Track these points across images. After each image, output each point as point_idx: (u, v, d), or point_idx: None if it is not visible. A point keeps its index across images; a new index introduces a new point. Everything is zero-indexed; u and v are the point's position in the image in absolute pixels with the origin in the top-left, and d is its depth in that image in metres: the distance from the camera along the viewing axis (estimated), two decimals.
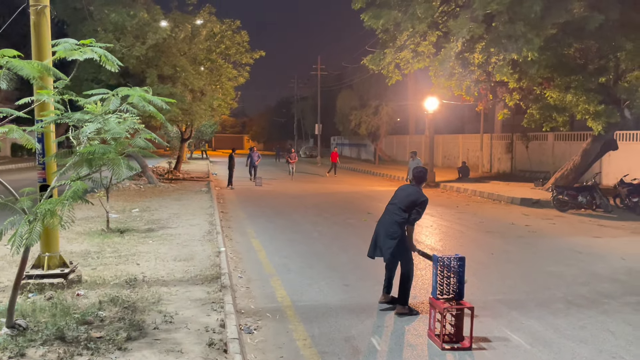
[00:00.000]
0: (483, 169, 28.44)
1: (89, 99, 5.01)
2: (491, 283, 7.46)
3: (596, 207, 14.45)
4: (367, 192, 19.98)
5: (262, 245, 9.88)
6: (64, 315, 5.24)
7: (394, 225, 6.03)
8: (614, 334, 5.50)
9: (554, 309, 6.28)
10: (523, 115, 19.43)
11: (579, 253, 9.41)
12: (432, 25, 16.51)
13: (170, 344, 4.76)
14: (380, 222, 6.27)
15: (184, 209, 13.57)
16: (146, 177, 21.01)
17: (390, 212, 6.18)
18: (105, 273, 7.08)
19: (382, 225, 6.19)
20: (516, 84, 17.62)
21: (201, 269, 7.47)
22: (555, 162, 22.90)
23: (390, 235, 6.01)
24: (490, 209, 15.60)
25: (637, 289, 7.22)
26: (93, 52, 4.73)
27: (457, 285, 5.29)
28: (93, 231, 10.13)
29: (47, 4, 6.55)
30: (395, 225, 6.02)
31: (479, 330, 5.47)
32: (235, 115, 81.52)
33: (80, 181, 4.67)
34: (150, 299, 5.95)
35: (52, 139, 6.44)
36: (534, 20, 13.28)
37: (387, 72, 18.74)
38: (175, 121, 21.96)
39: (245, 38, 25.13)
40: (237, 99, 29.91)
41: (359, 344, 5.20)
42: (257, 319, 5.86)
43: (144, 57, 18.04)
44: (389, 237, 6.01)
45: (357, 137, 45.88)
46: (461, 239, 10.76)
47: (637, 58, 14.03)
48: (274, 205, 15.93)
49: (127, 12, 16.76)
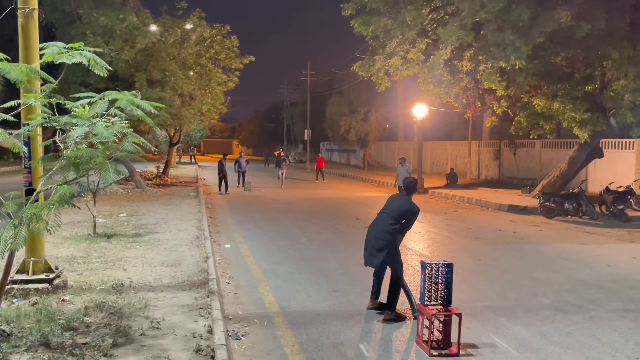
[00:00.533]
0: (471, 175, 28.62)
1: (77, 102, 4.96)
2: (479, 289, 7.49)
3: (582, 214, 14.60)
4: (356, 198, 20.00)
5: (250, 251, 9.84)
6: (48, 321, 5.18)
7: (385, 233, 6.08)
8: (600, 340, 5.55)
9: (541, 316, 6.32)
10: (511, 122, 19.61)
11: (565, 260, 9.49)
12: (422, 33, 16.63)
13: (157, 350, 4.71)
14: (371, 229, 6.31)
15: (172, 214, 13.48)
16: (134, 181, 20.87)
17: (382, 220, 6.22)
18: (91, 278, 7.00)
19: (372, 233, 6.23)
20: (504, 92, 17.80)
21: (189, 274, 7.42)
22: (542, 169, 23.10)
23: (381, 243, 6.05)
24: (478, 215, 15.69)
25: (623, 295, 7.29)
26: (82, 56, 4.70)
27: (445, 291, 5.31)
28: (79, 236, 10.03)
29: (36, 6, 6.50)
30: (386, 233, 6.08)
31: (467, 337, 5.48)
32: (224, 120, 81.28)
33: (67, 185, 4.63)
34: (137, 305, 5.90)
35: (38, 142, 6.38)
36: (522, 28, 13.43)
37: (377, 78, 18.83)
38: (164, 125, 21.88)
39: (235, 43, 25.15)
40: (227, 103, 29.91)
41: (347, 350, 5.19)
42: (245, 325, 5.82)
43: (133, 61, 17.96)
44: (379, 244, 6.06)
45: (346, 143, 45.98)
46: (449, 245, 10.81)
47: (622, 67, 14.23)
48: (263, 210, 15.89)
49: (116, 16, 16.69)
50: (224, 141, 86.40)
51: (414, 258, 9.33)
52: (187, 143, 47.37)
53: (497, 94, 18.34)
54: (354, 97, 41.78)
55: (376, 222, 6.31)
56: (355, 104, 41.15)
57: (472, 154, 28.69)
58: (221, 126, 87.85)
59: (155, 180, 24.23)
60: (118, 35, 17.12)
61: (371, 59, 18.22)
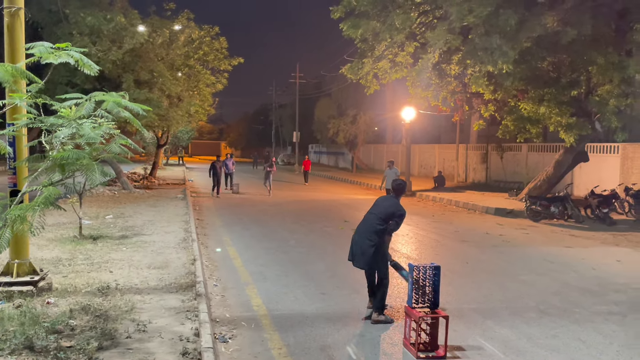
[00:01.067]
0: (459, 178, 28.80)
1: (64, 103, 4.92)
2: (466, 292, 7.53)
3: (568, 217, 14.76)
4: (344, 200, 20.03)
5: (238, 253, 9.80)
6: (33, 324, 5.11)
7: (372, 234, 6.09)
8: (585, 343, 5.60)
9: (527, 318, 6.37)
10: (498, 126, 19.76)
11: (551, 263, 9.58)
12: (410, 36, 16.71)
13: (143, 353, 4.68)
14: (358, 230, 6.32)
15: (159, 216, 13.39)
16: (121, 183, 20.69)
17: (369, 221, 6.23)
18: (76, 281, 6.93)
19: (359, 234, 6.25)
20: (491, 96, 17.95)
21: (176, 276, 7.37)
22: (529, 172, 23.31)
23: (368, 244, 6.06)
24: (465, 218, 15.78)
25: (607, 298, 7.37)
26: (69, 56, 4.65)
27: (433, 294, 5.33)
28: (65, 238, 9.92)
29: (22, 6, 6.43)
30: (373, 234, 6.09)
31: (454, 339, 5.51)
32: (213, 121, 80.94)
33: (52, 187, 4.58)
34: (123, 308, 5.85)
35: (24, 143, 6.30)
36: (509, 33, 13.56)
37: (366, 81, 18.87)
38: (151, 127, 21.72)
39: (224, 44, 25.07)
40: (215, 105, 29.75)
41: (335, 353, 5.19)
42: (232, 327, 5.80)
43: (121, 62, 17.83)
44: (366, 245, 6.07)
45: (335, 146, 46.03)
46: (437, 248, 10.86)
47: (607, 72, 14.41)
48: (251, 212, 15.85)
49: (103, 16, 16.54)
50: (212, 143, 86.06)
51: (402, 261, 9.36)
52: (175, 144, 47.19)
53: (484, 97, 18.48)
54: (343, 100, 41.85)
55: (363, 223, 6.33)
56: (344, 107, 41.22)
57: (459, 157, 28.88)
58: (209, 128, 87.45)
59: (143, 182, 24.05)
60: (105, 36, 16.98)
61: (360, 61, 18.27)
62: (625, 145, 18.47)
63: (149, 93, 18.35)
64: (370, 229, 6.14)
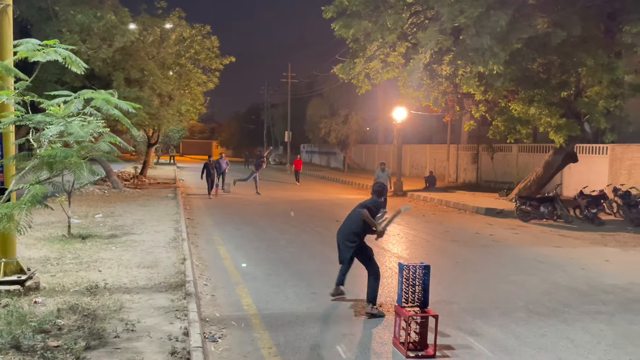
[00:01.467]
0: (449, 178, 28.91)
1: (52, 100, 4.88)
2: (455, 292, 7.56)
3: (557, 217, 14.85)
4: (335, 200, 20.03)
5: (228, 253, 9.77)
6: (20, 324, 5.06)
7: (351, 235, 6.56)
8: (574, 342, 5.64)
9: (515, 318, 6.40)
10: (489, 126, 19.85)
11: (540, 262, 9.64)
12: (402, 37, 16.75)
13: (131, 353, 4.65)
14: (340, 230, 6.80)
15: (149, 215, 13.32)
16: (111, 182, 20.56)
17: (353, 214, 6.69)
18: (65, 280, 6.88)
19: (341, 233, 6.72)
20: (482, 96, 18.03)
21: (165, 276, 7.34)
22: (519, 173, 23.44)
23: (349, 240, 6.55)
24: (455, 218, 15.84)
25: (596, 298, 7.42)
26: (57, 54, 4.62)
27: (422, 293, 5.35)
28: (53, 237, 9.84)
29: (10, 2, 6.36)
30: (352, 235, 6.55)
31: (443, 338, 5.53)
32: (204, 120, 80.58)
33: (40, 185, 4.55)
34: (111, 307, 5.81)
35: (11, 140, 6.24)
36: (500, 34, 13.62)
37: (357, 81, 18.89)
38: (142, 125, 21.61)
39: (215, 43, 24.99)
40: (206, 104, 29.67)
41: (325, 353, 5.19)
42: (221, 327, 5.78)
43: (111, 60, 17.71)
44: (348, 241, 6.55)
45: (326, 146, 46.03)
46: (427, 248, 10.89)
47: (597, 74, 14.53)
48: (242, 212, 15.81)
49: (93, 14, 16.44)
50: (204, 142, 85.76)
51: (392, 260, 9.38)
52: (166, 143, 47.01)
53: (475, 98, 18.56)
54: (335, 100, 41.87)
55: (348, 218, 6.79)
56: (335, 107, 41.24)
57: (450, 158, 28.99)
58: (200, 127, 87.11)
59: (133, 181, 23.91)
60: (95, 34, 16.87)
61: (352, 62, 18.28)
62: (614, 146, 18.62)
63: (139, 92, 18.24)
64: (349, 230, 6.62)
